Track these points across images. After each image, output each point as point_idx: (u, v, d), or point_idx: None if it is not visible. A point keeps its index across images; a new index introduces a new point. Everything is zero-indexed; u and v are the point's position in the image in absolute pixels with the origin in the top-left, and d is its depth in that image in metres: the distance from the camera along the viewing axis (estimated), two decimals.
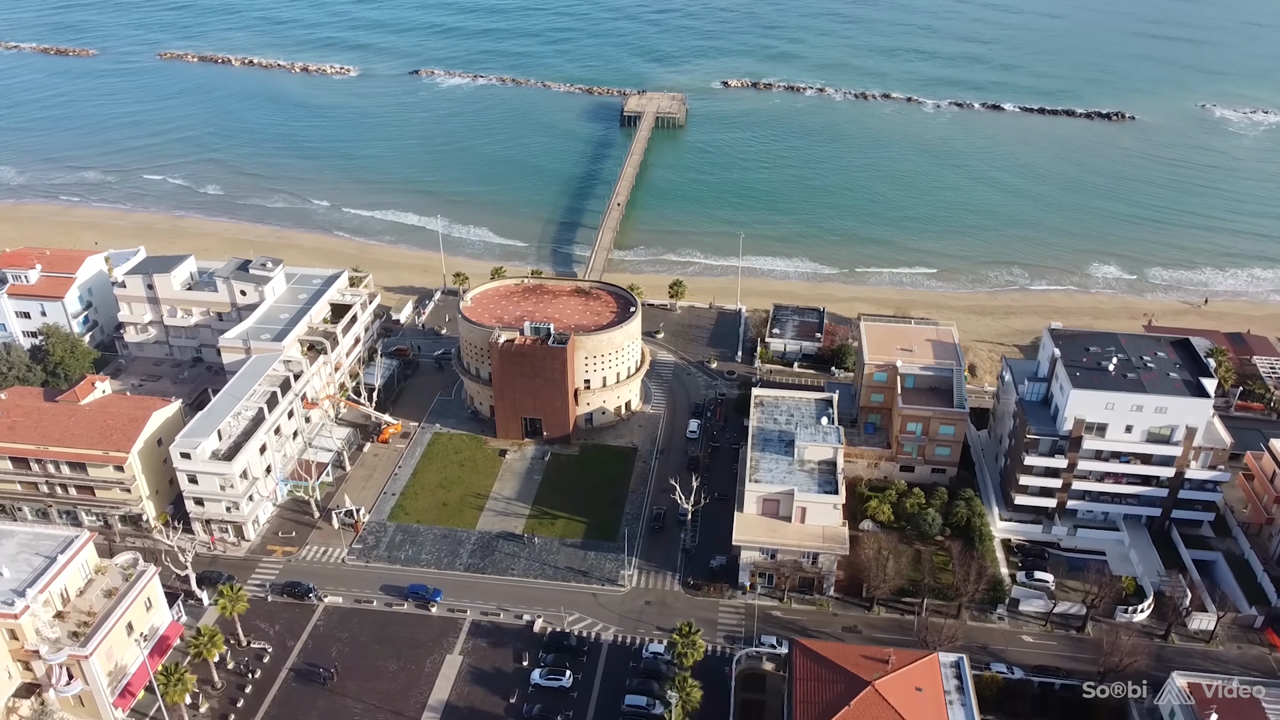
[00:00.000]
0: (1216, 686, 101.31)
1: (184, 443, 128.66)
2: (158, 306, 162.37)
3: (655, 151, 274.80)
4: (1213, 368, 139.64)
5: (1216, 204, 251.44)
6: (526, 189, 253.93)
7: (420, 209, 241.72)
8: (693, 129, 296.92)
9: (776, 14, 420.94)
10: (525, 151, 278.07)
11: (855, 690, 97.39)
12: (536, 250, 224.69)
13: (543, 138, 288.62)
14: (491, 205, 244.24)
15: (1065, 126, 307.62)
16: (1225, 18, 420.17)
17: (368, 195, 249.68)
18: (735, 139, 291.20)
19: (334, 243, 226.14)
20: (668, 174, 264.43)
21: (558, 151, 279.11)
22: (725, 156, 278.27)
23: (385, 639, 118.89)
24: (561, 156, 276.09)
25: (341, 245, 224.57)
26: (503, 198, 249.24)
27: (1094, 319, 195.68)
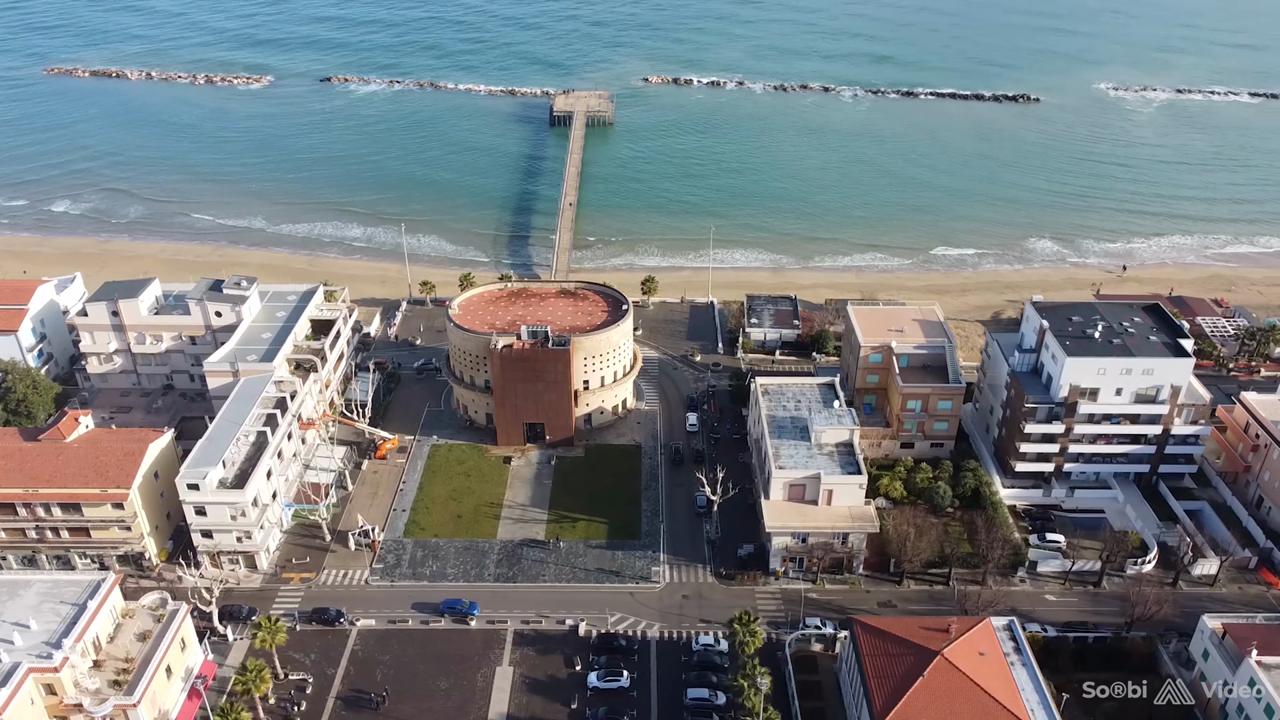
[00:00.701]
0: (1245, 625, 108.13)
1: (190, 474, 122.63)
2: (123, 334, 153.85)
3: (591, 150, 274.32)
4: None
5: (1126, 178, 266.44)
6: (469, 194, 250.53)
7: (363, 220, 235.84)
8: (623, 126, 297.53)
9: (679, 16, 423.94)
10: (459, 156, 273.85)
11: (925, 661, 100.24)
12: (494, 254, 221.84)
13: (474, 141, 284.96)
14: (436, 212, 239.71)
15: (977, 110, 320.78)
16: (1092, 8, 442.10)
17: (303, 208, 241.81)
18: (668, 134, 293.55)
19: (279, 258, 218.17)
20: (609, 171, 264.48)
21: (492, 155, 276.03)
22: (661, 152, 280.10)
23: (429, 657, 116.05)
24: (496, 159, 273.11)
25: (288, 261, 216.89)
26: (446, 204, 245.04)
27: (1044, 291, 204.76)
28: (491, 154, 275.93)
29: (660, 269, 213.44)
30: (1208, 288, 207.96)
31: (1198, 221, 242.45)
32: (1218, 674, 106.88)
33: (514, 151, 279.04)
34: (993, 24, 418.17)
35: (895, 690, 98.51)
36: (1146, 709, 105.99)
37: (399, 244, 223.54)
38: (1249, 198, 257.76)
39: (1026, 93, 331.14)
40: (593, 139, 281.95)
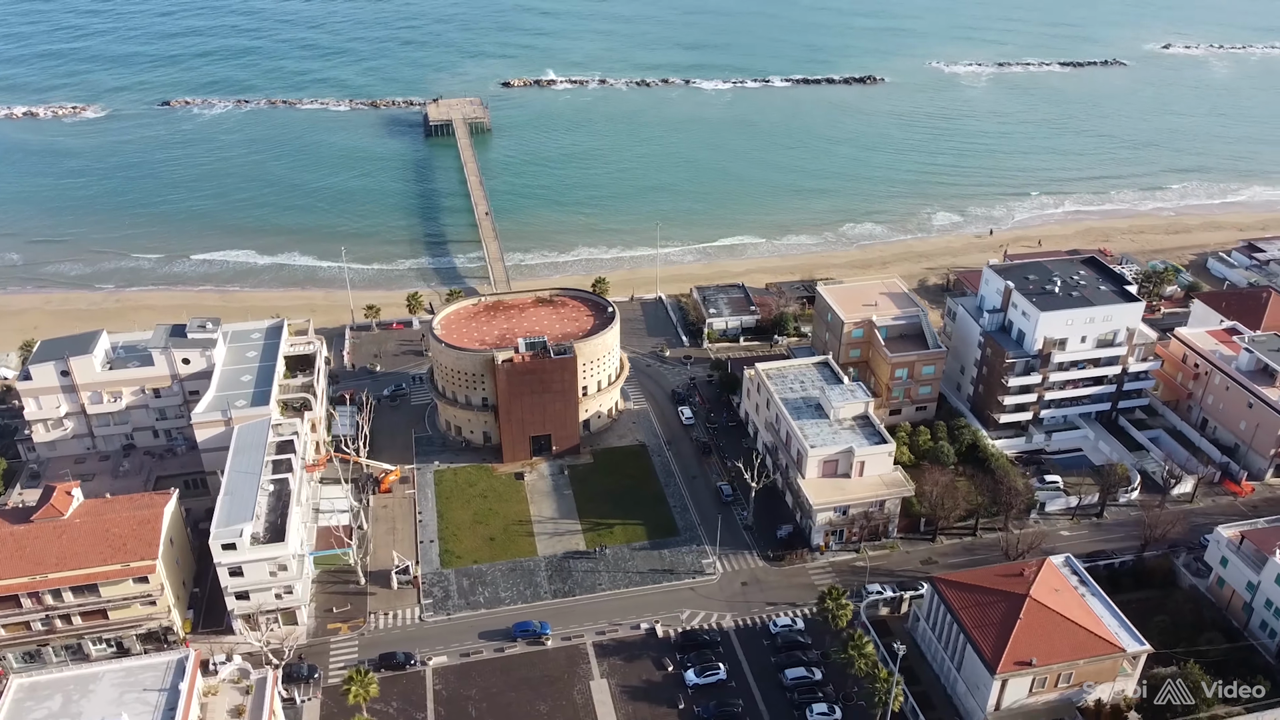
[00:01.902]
0: (1258, 530, 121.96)
1: (224, 533, 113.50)
2: (75, 395, 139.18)
3: (480, 157, 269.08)
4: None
5: (979, 147, 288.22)
6: (368, 213, 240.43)
7: (265, 249, 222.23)
8: (501, 131, 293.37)
9: (518, 19, 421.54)
10: (343, 175, 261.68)
11: (1017, 604, 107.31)
12: (417, 272, 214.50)
13: (354, 158, 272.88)
14: (338, 234, 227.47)
15: (829, 93, 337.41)
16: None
17: (187, 242, 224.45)
18: (549, 135, 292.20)
19: (186, 297, 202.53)
20: (506, 177, 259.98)
21: (378, 170, 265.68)
22: (550, 154, 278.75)
23: (517, 684, 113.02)
24: (385, 175, 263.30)
25: (198, 298, 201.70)
26: (348, 225, 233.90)
27: (955, 258, 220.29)
28: (377, 170, 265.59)
29: (595, 268, 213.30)
30: (1084, 240, 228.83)
31: (1052, 181, 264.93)
32: (1239, 577, 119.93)
33: (399, 165, 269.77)
34: (819, 9, 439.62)
35: (999, 635, 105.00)
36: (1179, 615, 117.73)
37: (313, 270, 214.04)
38: (1089, 152, 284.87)
39: (871, 74, 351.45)
40: (476, 146, 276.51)
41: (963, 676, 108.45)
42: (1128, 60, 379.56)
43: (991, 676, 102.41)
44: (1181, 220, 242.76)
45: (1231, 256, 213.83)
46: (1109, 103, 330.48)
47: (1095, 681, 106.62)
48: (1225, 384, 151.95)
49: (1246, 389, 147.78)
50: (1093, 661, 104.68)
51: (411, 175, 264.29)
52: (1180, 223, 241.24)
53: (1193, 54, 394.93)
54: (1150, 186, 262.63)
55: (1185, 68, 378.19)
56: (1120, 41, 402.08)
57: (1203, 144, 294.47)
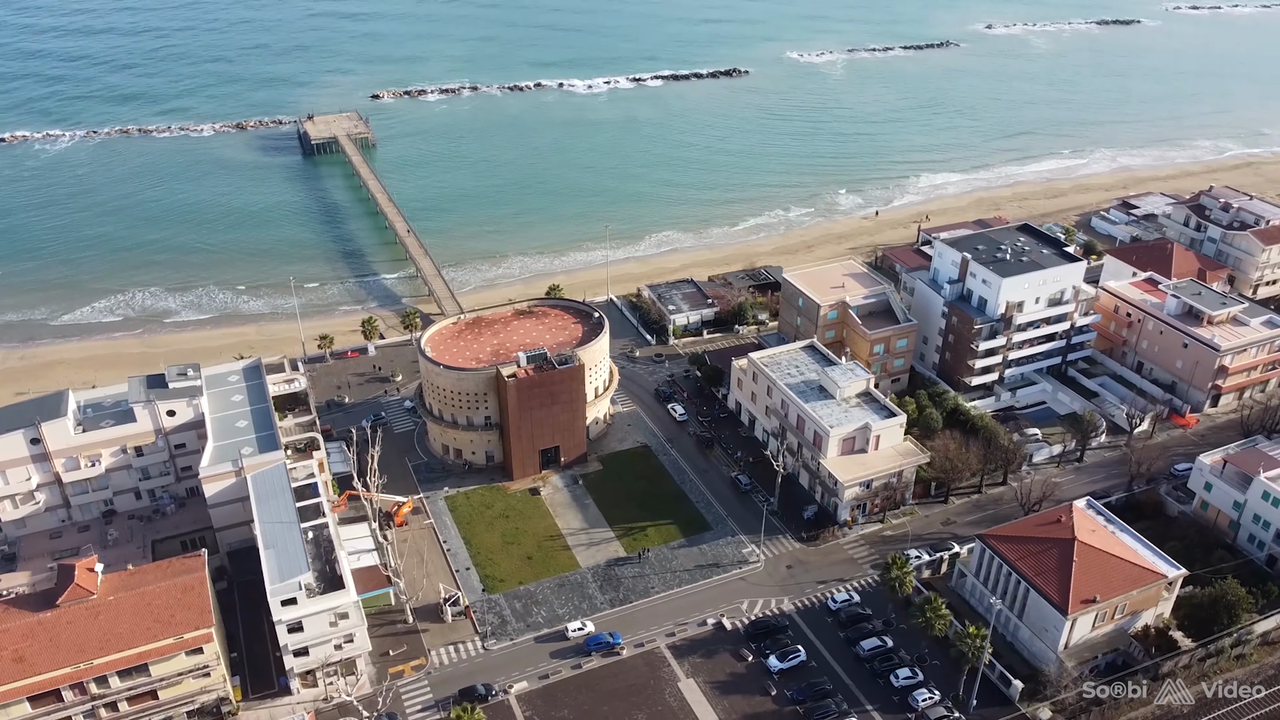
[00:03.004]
0: (1236, 455, 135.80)
1: (282, 589, 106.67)
2: (47, 464, 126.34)
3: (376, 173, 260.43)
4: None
5: (854, 131, 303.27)
6: (270, 241, 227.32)
7: (172, 287, 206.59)
8: (386, 145, 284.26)
9: (371, 30, 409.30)
10: (229, 203, 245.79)
11: (1068, 548, 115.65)
12: (349, 296, 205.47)
13: (235, 185, 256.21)
14: (249, 267, 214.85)
15: (700, 88, 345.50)
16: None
17: (80, 291, 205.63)
18: (438, 146, 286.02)
19: (104, 346, 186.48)
20: (410, 191, 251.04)
21: (265, 195, 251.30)
22: (445, 165, 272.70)
23: (607, 697, 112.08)
24: (273, 199, 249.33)
25: (119, 347, 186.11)
26: (250, 254, 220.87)
27: (871, 237, 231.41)
28: (266, 195, 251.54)
29: (534, 277, 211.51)
30: (978, 210, 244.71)
31: (929, 158, 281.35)
32: (1224, 498, 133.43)
33: (288, 188, 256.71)
34: (663, 5, 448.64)
35: (1061, 579, 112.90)
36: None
37: (235, 305, 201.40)
38: (954, 127, 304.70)
39: (735, 67, 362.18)
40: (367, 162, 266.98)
41: (1026, 623, 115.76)
42: (960, 41, 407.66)
43: (1064, 617, 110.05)
44: (1054, 185, 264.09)
45: (1110, 214, 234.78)
46: (955, 81, 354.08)
47: (1141, 609, 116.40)
48: (1159, 329, 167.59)
49: (1181, 331, 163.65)
50: (1143, 591, 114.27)
51: (305, 198, 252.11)
52: (1054, 187, 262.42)
53: (1013, 33, 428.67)
54: (1019, 158, 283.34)
55: (1010, 46, 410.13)
56: (947, 24, 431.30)
57: (1049, 114, 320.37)
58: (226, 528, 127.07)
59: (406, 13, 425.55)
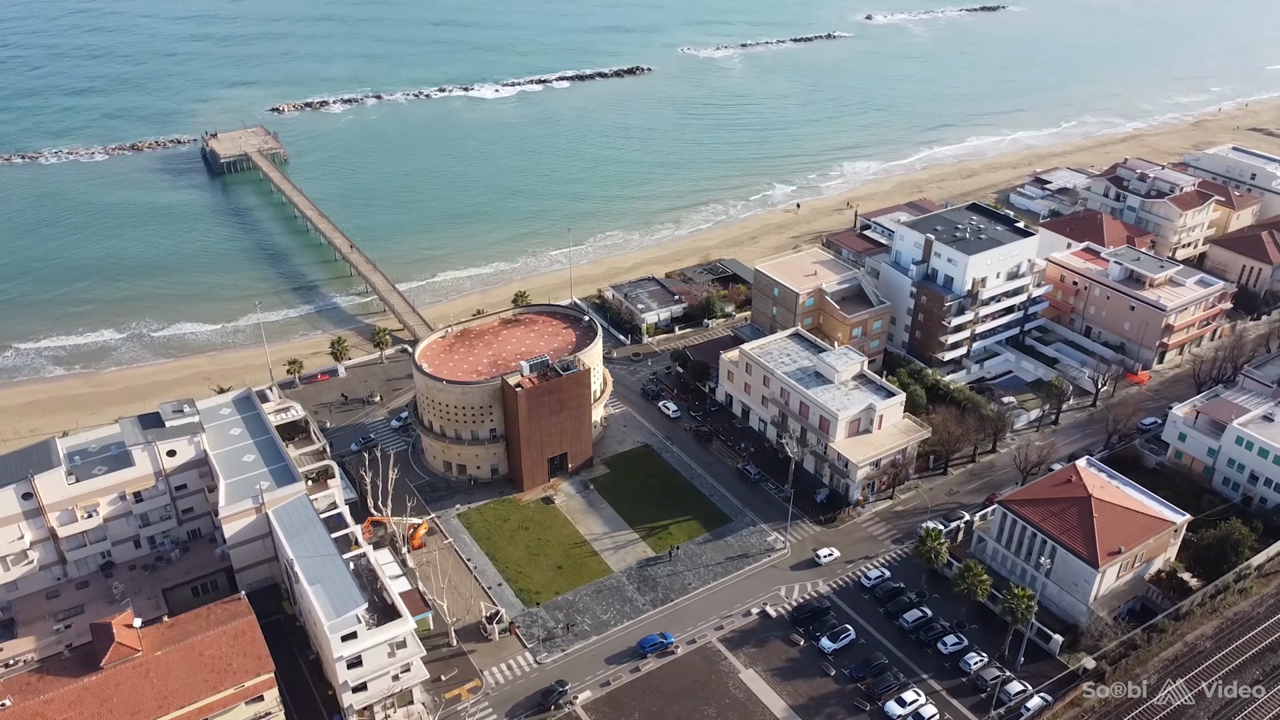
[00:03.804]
0: (1205, 405, 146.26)
1: (340, 624, 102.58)
2: (41, 519, 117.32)
3: None
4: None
5: (768, 123, 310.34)
6: (200, 267, 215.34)
7: (108, 322, 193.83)
8: (300, 160, 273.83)
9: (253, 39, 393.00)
10: (144, 229, 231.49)
11: (1086, 506, 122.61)
12: (302, 319, 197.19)
13: (145, 210, 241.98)
14: (182, 294, 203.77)
15: (607, 87, 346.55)
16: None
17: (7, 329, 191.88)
18: (357, 159, 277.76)
19: (43, 390, 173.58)
20: (335, 206, 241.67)
21: (180, 219, 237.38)
22: (368, 177, 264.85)
23: (673, 696, 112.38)
24: (190, 223, 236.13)
25: (61, 389, 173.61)
26: (183, 282, 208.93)
27: (809, 224, 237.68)
28: (182, 220, 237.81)
29: (489, 285, 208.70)
30: (902, 194, 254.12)
31: (840, 149, 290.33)
32: (1198, 446, 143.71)
33: (203, 211, 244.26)
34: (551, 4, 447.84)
35: (1086, 535, 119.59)
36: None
37: (180, 337, 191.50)
38: (863, 114, 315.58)
39: (638, 65, 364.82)
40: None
41: (1053, 580, 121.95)
42: (845, 32, 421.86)
43: (1095, 570, 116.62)
44: (966, 165, 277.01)
45: (1026, 190, 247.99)
46: (852, 71, 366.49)
47: (1154, 556, 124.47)
48: (1105, 294, 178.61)
49: (1127, 294, 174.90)
50: (1157, 538, 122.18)
51: (223, 219, 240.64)
52: (966, 168, 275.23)
53: (893, 22, 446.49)
54: (928, 142, 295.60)
55: (891, 35, 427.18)
56: (830, 16, 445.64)
57: (946, 99, 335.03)
58: (246, 568, 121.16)
59: (287, 25, 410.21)
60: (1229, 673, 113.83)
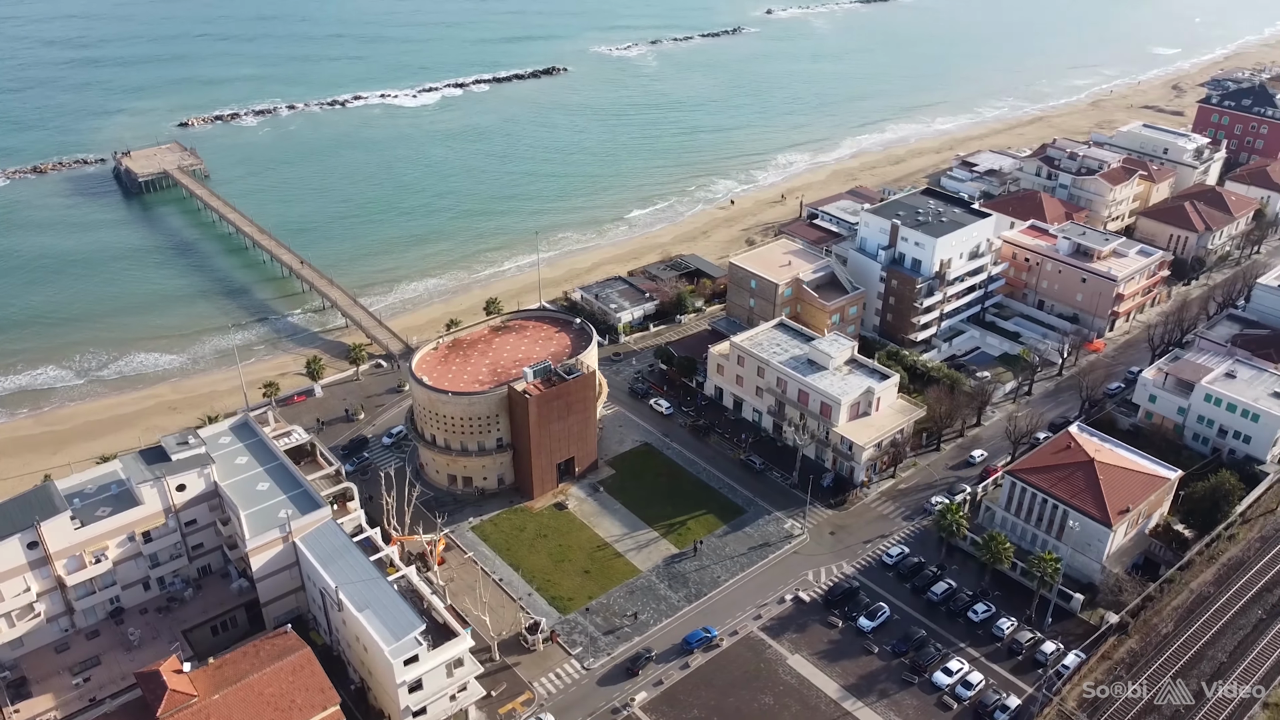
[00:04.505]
0: (1171, 366, 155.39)
1: (402, 648, 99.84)
2: (47, 568, 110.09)
3: None
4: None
5: (693, 121, 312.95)
6: (141, 294, 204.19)
7: (43, 357, 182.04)
8: (221, 175, 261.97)
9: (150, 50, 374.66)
10: (64, 255, 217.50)
11: (1090, 469, 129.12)
12: (261, 340, 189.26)
13: (58, 236, 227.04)
14: (122, 327, 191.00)
15: (526, 88, 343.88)
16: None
17: None
18: (281, 171, 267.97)
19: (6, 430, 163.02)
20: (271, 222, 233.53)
21: (101, 244, 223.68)
22: (298, 191, 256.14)
23: (729, 688, 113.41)
24: (115, 247, 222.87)
25: (12, 430, 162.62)
26: (124, 310, 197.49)
27: (754, 216, 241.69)
28: (106, 244, 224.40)
29: (449, 295, 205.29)
30: (838, 184, 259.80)
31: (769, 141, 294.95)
32: (1168, 406, 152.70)
33: (127, 234, 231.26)
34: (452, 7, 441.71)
35: (1095, 497, 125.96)
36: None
37: (135, 366, 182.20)
38: (789, 105, 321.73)
39: (554, 65, 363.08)
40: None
41: (1066, 542, 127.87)
42: (749, 26, 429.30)
43: (1109, 529, 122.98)
44: (893, 152, 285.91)
45: (955, 173, 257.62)
46: (766, 64, 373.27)
47: (1151, 512, 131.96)
48: (1057, 269, 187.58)
49: (1078, 268, 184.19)
50: (1157, 494, 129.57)
51: (152, 242, 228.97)
52: (893, 154, 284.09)
53: (793, 15, 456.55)
54: (853, 131, 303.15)
55: (794, 27, 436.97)
56: (731, 11, 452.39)
57: (862, 88, 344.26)
58: (273, 600, 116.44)
59: (179, 37, 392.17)
60: (1235, 615, 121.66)
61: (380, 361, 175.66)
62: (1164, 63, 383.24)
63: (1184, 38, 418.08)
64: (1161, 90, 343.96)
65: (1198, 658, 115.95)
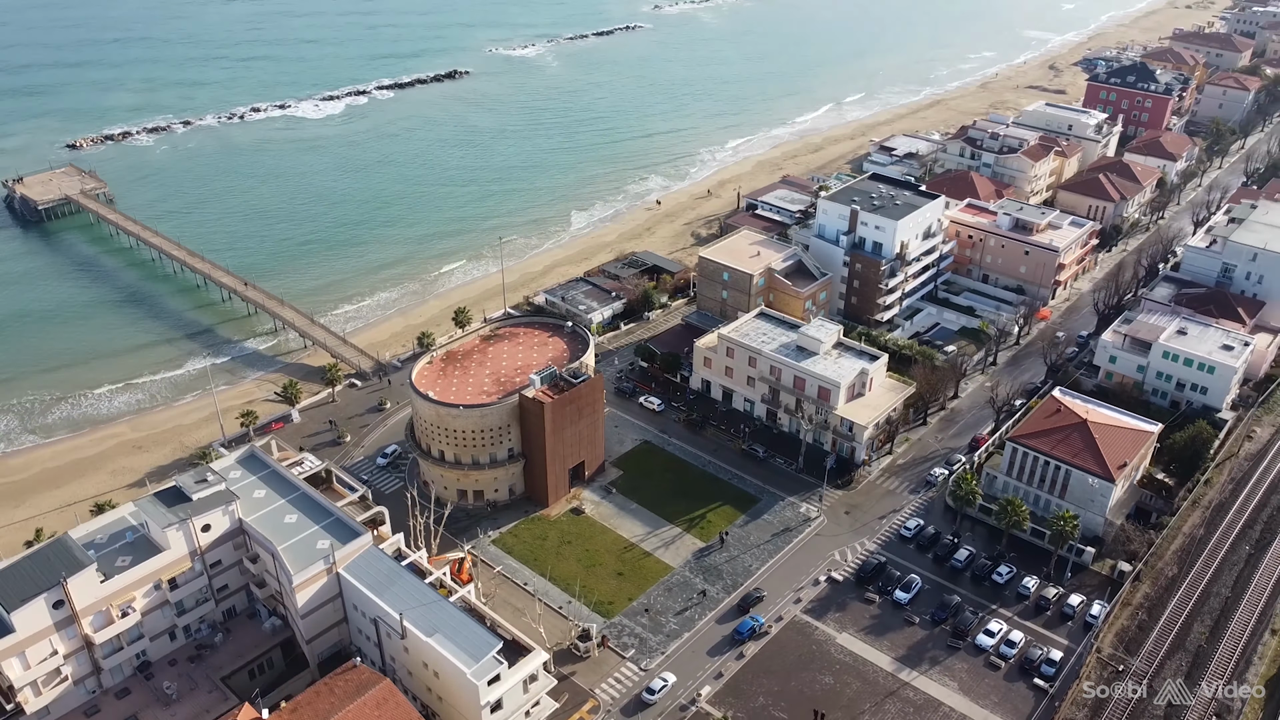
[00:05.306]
0: (1127, 327, 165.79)
1: (483, 668, 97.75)
2: (74, 628, 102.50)
3: None
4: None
5: (607, 119, 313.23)
6: (65, 331, 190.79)
7: None
8: (128, 198, 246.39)
9: None
10: None
11: (1085, 429, 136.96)
12: (221, 370, 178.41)
13: None
14: (56, 369, 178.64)
15: (431, 93, 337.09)
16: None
17: None
18: (194, 189, 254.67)
19: None
20: (197, 243, 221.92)
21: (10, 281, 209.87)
22: (214, 208, 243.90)
23: (789, 672, 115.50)
24: (25, 283, 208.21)
25: None
26: (53, 351, 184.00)
27: (693, 210, 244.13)
28: (14, 281, 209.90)
29: (414, 304, 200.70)
30: (766, 175, 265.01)
31: (689, 136, 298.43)
32: (1128, 365, 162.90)
33: (32, 266, 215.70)
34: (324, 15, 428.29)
35: (1094, 454, 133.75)
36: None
37: (85, 409, 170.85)
38: (680, 100, 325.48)
39: (455, 68, 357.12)
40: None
41: (1069, 499, 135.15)
42: (645, 23, 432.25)
43: (1111, 484, 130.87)
44: (809, 140, 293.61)
45: (875, 157, 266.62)
46: (665, 60, 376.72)
47: (1139, 464, 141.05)
48: (1000, 243, 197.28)
49: (1021, 241, 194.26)
50: (1145, 448, 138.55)
51: (66, 274, 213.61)
52: (810, 143, 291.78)
53: (682, 10, 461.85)
54: (767, 122, 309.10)
55: (684, 23, 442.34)
56: (619, 6, 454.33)
57: (766, 79, 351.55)
58: (318, 636, 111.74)
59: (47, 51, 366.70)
60: (1227, 553, 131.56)
61: (354, 381, 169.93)
62: (1037, 45, 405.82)
63: (1050, 21, 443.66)
64: (1040, 71, 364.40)
65: (1205, 595, 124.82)
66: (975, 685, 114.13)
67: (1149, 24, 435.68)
